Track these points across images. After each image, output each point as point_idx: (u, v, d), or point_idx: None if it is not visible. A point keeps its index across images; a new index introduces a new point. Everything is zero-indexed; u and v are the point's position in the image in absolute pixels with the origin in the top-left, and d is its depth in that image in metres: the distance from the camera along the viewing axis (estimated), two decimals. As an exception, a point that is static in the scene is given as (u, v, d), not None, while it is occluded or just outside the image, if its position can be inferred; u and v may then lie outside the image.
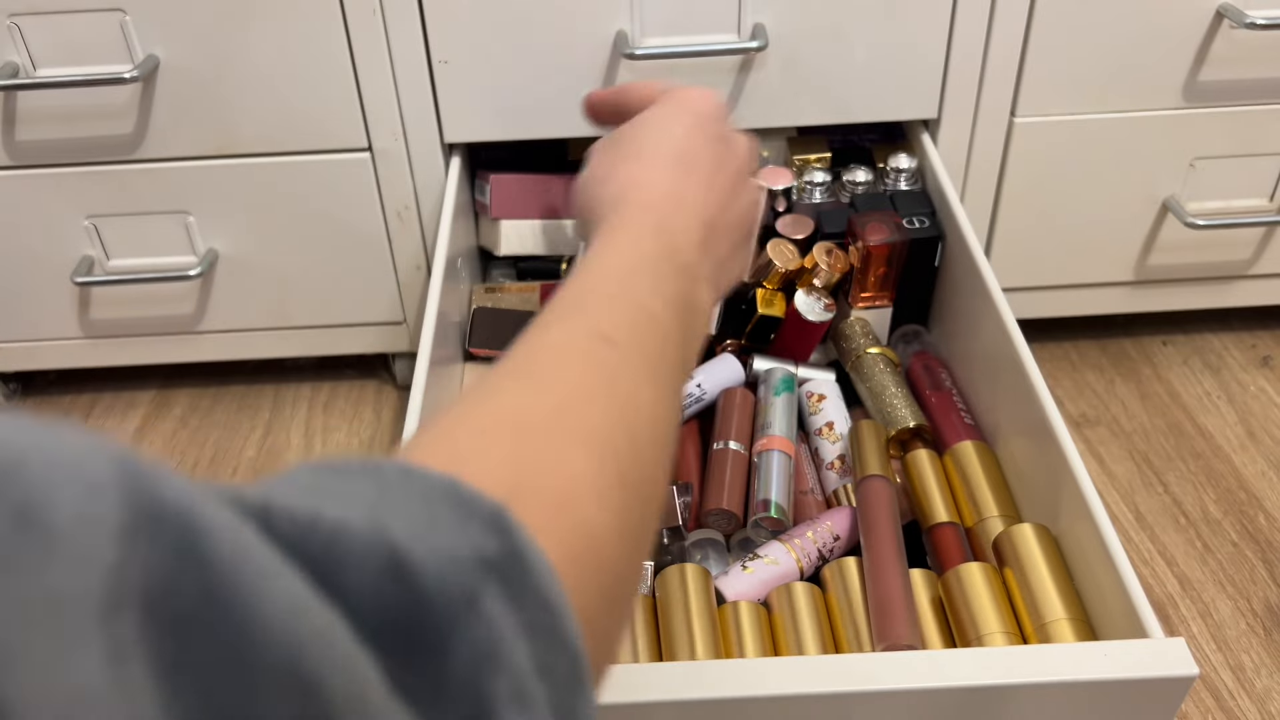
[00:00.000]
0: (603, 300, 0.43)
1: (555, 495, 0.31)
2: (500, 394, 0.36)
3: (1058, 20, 0.80)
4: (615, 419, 0.36)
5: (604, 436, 0.35)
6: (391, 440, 0.96)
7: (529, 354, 0.39)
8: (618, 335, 0.41)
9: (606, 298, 0.43)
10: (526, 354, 0.39)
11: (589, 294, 0.44)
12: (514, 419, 0.34)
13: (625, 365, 0.40)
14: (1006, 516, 0.62)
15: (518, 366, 0.38)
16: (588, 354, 0.39)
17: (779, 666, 0.46)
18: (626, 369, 0.40)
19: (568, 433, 0.34)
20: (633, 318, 0.42)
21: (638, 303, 0.43)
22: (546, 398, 0.36)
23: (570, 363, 0.38)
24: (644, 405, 0.39)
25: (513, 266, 0.92)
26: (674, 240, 0.49)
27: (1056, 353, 1.02)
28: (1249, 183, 0.90)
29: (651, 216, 0.50)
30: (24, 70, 0.79)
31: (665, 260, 0.47)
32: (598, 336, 0.40)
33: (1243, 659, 0.75)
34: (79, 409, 1.02)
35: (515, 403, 0.35)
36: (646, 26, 0.79)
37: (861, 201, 0.82)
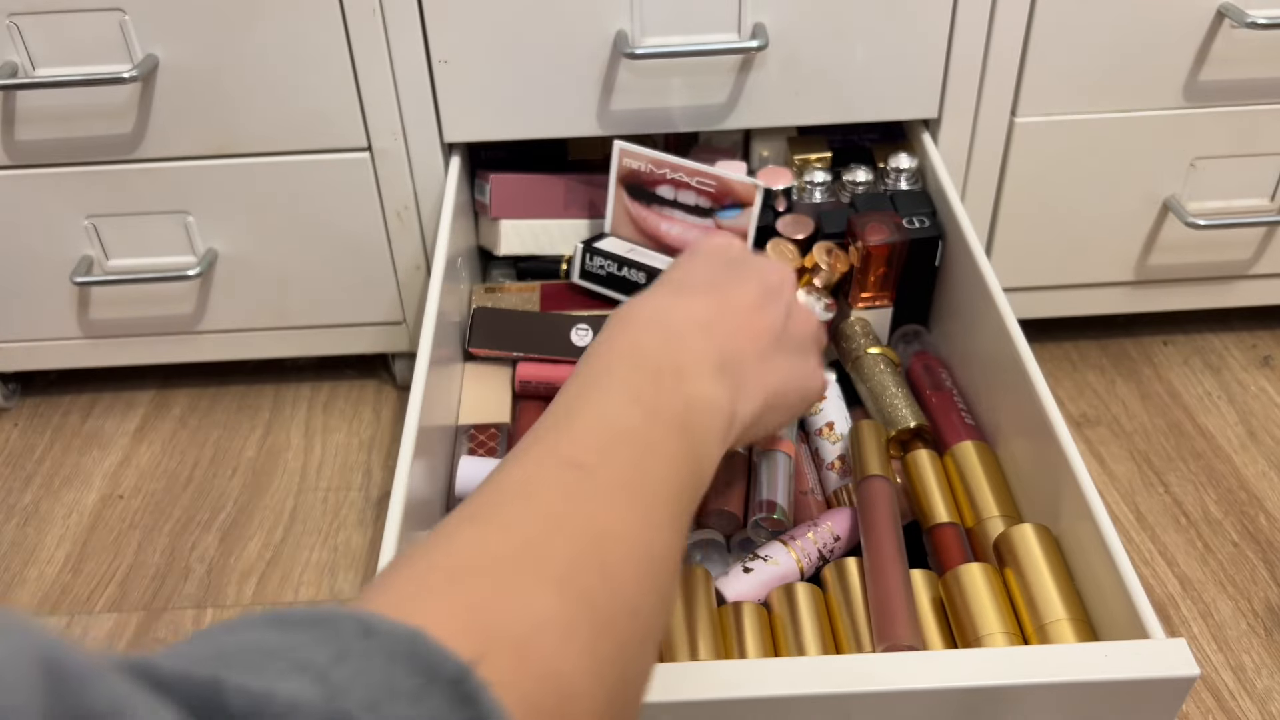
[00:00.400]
0: (573, 421, 0.41)
1: (520, 642, 0.30)
2: (464, 534, 0.35)
3: (1058, 20, 0.80)
4: (584, 552, 0.34)
5: (571, 573, 0.33)
6: (391, 440, 0.96)
7: (496, 488, 0.37)
8: (588, 458, 0.38)
9: (578, 418, 0.41)
10: (493, 488, 0.37)
11: (560, 416, 0.42)
12: (476, 561, 0.33)
13: (597, 490, 0.37)
14: (1007, 517, 0.62)
15: (484, 503, 0.36)
16: (555, 483, 0.37)
17: (779, 667, 0.46)
18: (599, 494, 0.37)
19: (532, 572, 0.32)
20: (606, 436, 0.40)
21: (612, 419, 0.41)
22: (510, 535, 0.34)
23: (536, 495, 0.37)
24: (621, 532, 0.36)
25: (512, 266, 0.92)
26: (649, 353, 0.45)
27: (1057, 353, 1.02)
28: (1249, 183, 0.90)
29: (632, 330, 0.47)
30: (23, 70, 0.79)
31: (645, 371, 0.44)
32: (566, 462, 0.38)
33: (1243, 659, 0.75)
34: (78, 409, 1.02)
35: (478, 543, 0.34)
36: (646, 26, 0.79)
37: (862, 201, 0.82)
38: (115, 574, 0.85)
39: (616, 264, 0.80)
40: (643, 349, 0.45)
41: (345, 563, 0.85)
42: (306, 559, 0.85)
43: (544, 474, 0.38)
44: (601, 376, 0.44)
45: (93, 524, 0.90)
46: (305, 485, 0.92)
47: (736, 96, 0.83)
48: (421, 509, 0.62)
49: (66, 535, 0.89)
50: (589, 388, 0.43)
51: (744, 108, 0.83)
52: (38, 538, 0.88)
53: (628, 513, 0.37)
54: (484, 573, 0.32)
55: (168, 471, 0.94)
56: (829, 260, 0.77)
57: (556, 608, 0.32)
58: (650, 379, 0.44)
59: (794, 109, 0.84)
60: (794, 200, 0.84)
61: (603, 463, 0.38)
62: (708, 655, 0.55)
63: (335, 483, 0.93)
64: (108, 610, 0.82)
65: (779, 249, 0.78)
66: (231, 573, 0.84)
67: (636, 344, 0.46)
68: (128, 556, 0.86)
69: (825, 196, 0.84)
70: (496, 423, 0.75)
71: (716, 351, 0.47)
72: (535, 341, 0.78)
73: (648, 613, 0.36)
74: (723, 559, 0.65)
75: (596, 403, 0.42)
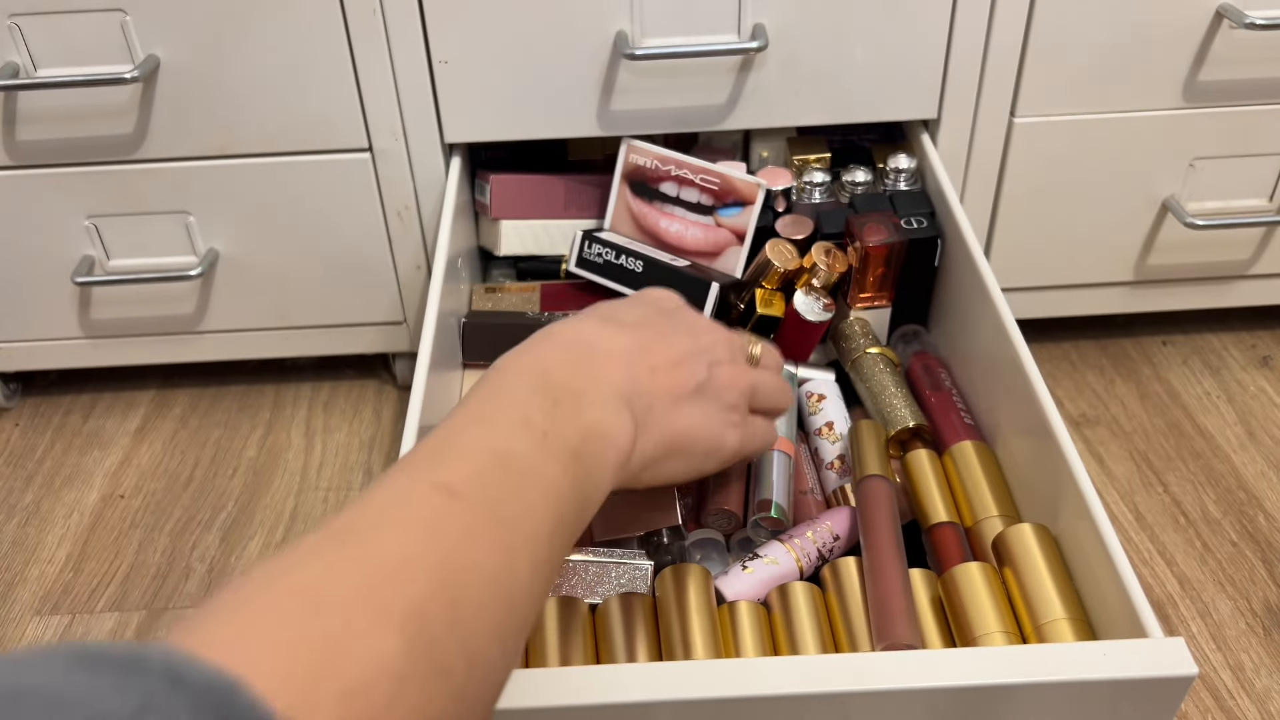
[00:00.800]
0: (456, 441, 0.40)
1: (348, 694, 0.29)
2: (313, 563, 0.33)
3: (1058, 20, 0.80)
4: (435, 590, 0.33)
5: (418, 613, 0.32)
6: (392, 440, 0.96)
7: (359, 509, 0.36)
8: (461, 484, 0.37)
9: (462, 438, 0.40)
10: (357, 509, 0.36)
11: (445, 436, 0.40)
12: (316, 594, 0.31)
13: (463, 521, 0.36)
14: (1006, 516, 0.62)
15: (342, 526, 0.35)
16: (419, 509, 0.36)
17: (779, 666, 0.46)
18: (464, 525, 0.36)
19: (375, 612, 0.31)
20: (485, 461, 0.39)
21: (496, 442, 0.40)
22: (360, 567, 0.33)
23: (396, 521, 0.35)
24: (479, 569, 0.35)
25: (513, 266, 0.92)
26: (556, 373, 0.44)
27: (1056, 353, 1.03)
28: (1249, 183, 0.90)
29: (545, 348, 0.46)
30: (24, 70, 0.79)
31: (546, 393, 0.43)
32: (436, 487, 0.37)
33: (1242, 659, 0.75)
34: (79, 409, 1.02)
35: (322, 573, 0.32)
36: (646, 26, 0.79)
37: (861, 202, 0.82)
38: (116, 573, 0.85)
39: (615, 252, 0.80)
40: (550, 369, 0.45)
41: (346, 562, 0.85)
42: (307, 558, 0.86)
43: (411, 498, 0.37)
44: (498, 394, 0.43)
45: (94, 523, 0.90)
46: (306, 485, 0.93)
47: (736, 97, 0.83)
48: (422, 509, 0.62)
49: (67, 535, 0.89)
50: (483, 404, 0.43)
51: (744, 108, 0.83)
52: (39, 537, 0.89)
53: (491, 547, 0.36)
54: (324, 610, 0.31)
55: (168, 471, 0.95)
56: (827, 260, 0.77)
57: (395, 652, 0.31)
58: (549, 401, 0.43)
59: (793, 109, 0.84)
60: (793, 200, 0.84)
61: (475, 490, 0.37)
62: (707, 654, 0.55)
63: (336, 482, 0.93)
64: (109, 610, 0.82)
65: (778, 249, 0.78)
66: (232, 572, 0.85)
67: (545, 364, 0.45)
68: (129, 556, 0.87)
69: (824, 197, 0.84)
70: (497, 423, 0.75)
71: (626, 383, 0.46)
72: None
73: (492, 659, 0.35)
74: (722, 558, 0.66)
75: (485, 423, 0.41)
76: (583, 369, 0.46)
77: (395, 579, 0.33)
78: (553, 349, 0.47)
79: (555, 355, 0.46)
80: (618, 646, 0.56)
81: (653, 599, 0.60)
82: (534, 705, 0.44)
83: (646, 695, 0.45)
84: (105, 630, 0.80)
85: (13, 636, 0.80)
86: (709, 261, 0.83)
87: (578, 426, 0.43)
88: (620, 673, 0.46)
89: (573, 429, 0.43)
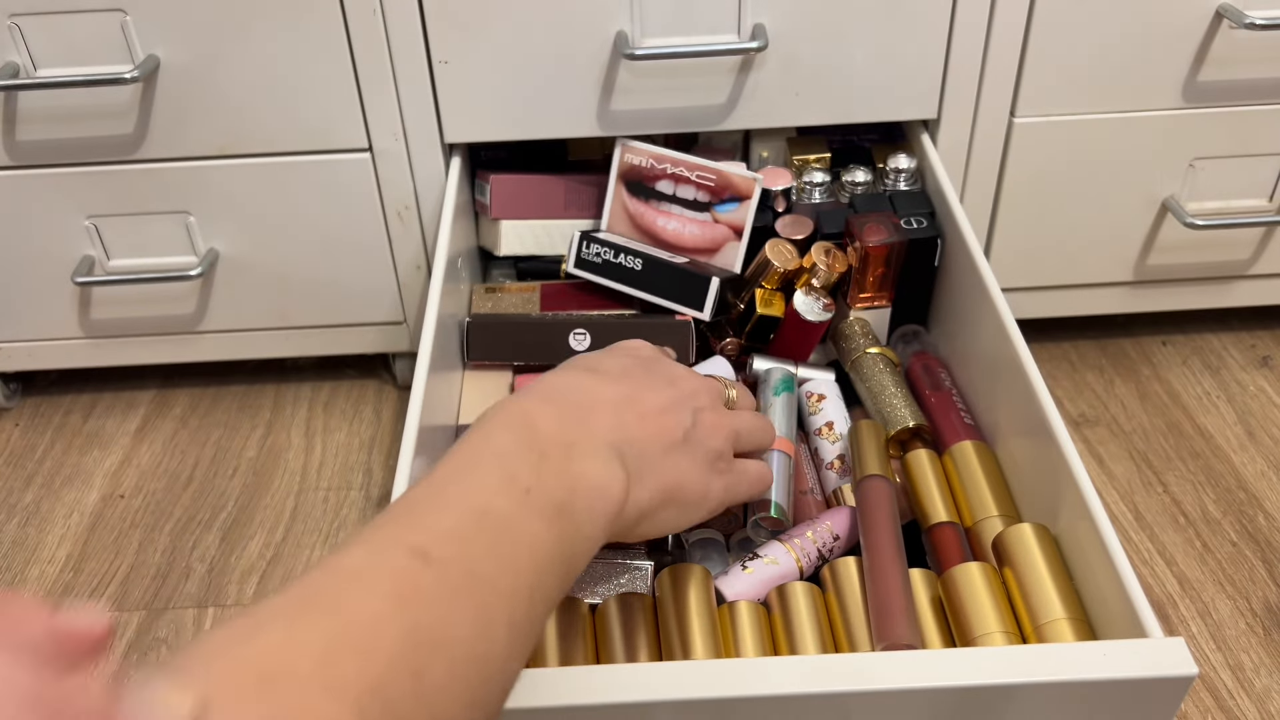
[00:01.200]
0: (435, 499, 0.39)
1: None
2: (268, 630, 0.32)
3: (1057, 20, 0.80)
4: (400, 661, 0.32)
5: (379, 687, 0.31)
6: (392, 440, 0.96)
7: (328, 572, 0.35)
8: (435, 547, 0.36)
9: (441, 496, 0.39)
10: (325, 572, 0.35)
11: (424, 494, 0.39)
12: (272, 666, 0.30)
13: (436, 587, 0.35)
14: (1006, 516, 0.62)
15: (309, 589, 0.34)
16: (390, 574, 0.35)
17: (779, 666, 0.46)
18: (436, 592, 0.35)
19: (334, 688, 0.30)
20: (464, 521, 0.38)
21: (477, 501, 0.39)
22: (319, 635, 0.32)
23: (364, 587, 0.34)
24: (450, 638, 0.34)
25: (513, 266, 0.92)
26: (543, 426, 0.43)
27: (1056, 353, 1.03)
28: (1248, 183, 0.90)
29: (530, 401, 0.44)
30: (25, 70, 0.79)
31: (532, 447, 0.42)
32: (410, 550, 0.36)
33: (1242, 658, 0.75)
34: (79, 409, 1.02)
35: (280, 643, 0.31)
36: (646, 27, 0.79)
37: (861, 202, 0.82)
38: (116, 573, 0.85)
39: (613, 251, 0.80)
40: (536, 422, 0.44)
41: (346, 562, 0.85)
42: (307, 558, 0.86)
43: (382, 562, 0.35)
44: (481, 450, 0.42)
45: (94, 523, 0.90)
46: (306, 485, 0.93)
47: (736, 97, 0.83)
48: (422, 509, 0.62)
49: (68, 535, 0.89)
50: (464, 460, 0.41)
51: (744, 108, 0.83)
52: (39, 537, 0.89)
53: (465, 609, 0.35)
54: (279, 684, 0.30)
55: (169, 471, 0.95)
56: (827, 260, 0.77)
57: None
58: (535, 455, 0.42)
59: (793, 110, 0.84)
60: (793, 201, 0.84)
61: (451, 553, 0.36)
62: (707, 654, 0.55)
63: (336, 482, 0.93)
64: (109, 609, 0.82)
65: (777, 249, 0.78)
66: (232, 572, 0.85)
67: (531, 417, 0.44)
68: (129, 556, 0.87)
69: (824, 197, 0.84)
70: (497, 422, 0.75)
71: (617, 433, 0.45)
72: (533, 349, 0.78)
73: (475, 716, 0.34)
74: (722, 558, 0.66)
75: (466, 481, 0.40)
76: (571, 420, 0.44)
77: (357, 650, 0.32)
78: (538, 401, 0.45)
79: (541, 408, 0.45)
80: (617, 646, 0.56)
81: (653, 599, 0.60)
82: (534, 705, 0.44)
83: (646, 695, 0.45)
84: (105, 630, 0.80)
85: (13, 636, 0.80)
86: (707, 258, 0.83)
87: (566, 480, 0.42)
88: (620, 673, 0.46)
89: (560, 483, 0.41)
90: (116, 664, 0.78)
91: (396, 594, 0.34)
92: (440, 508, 0.38)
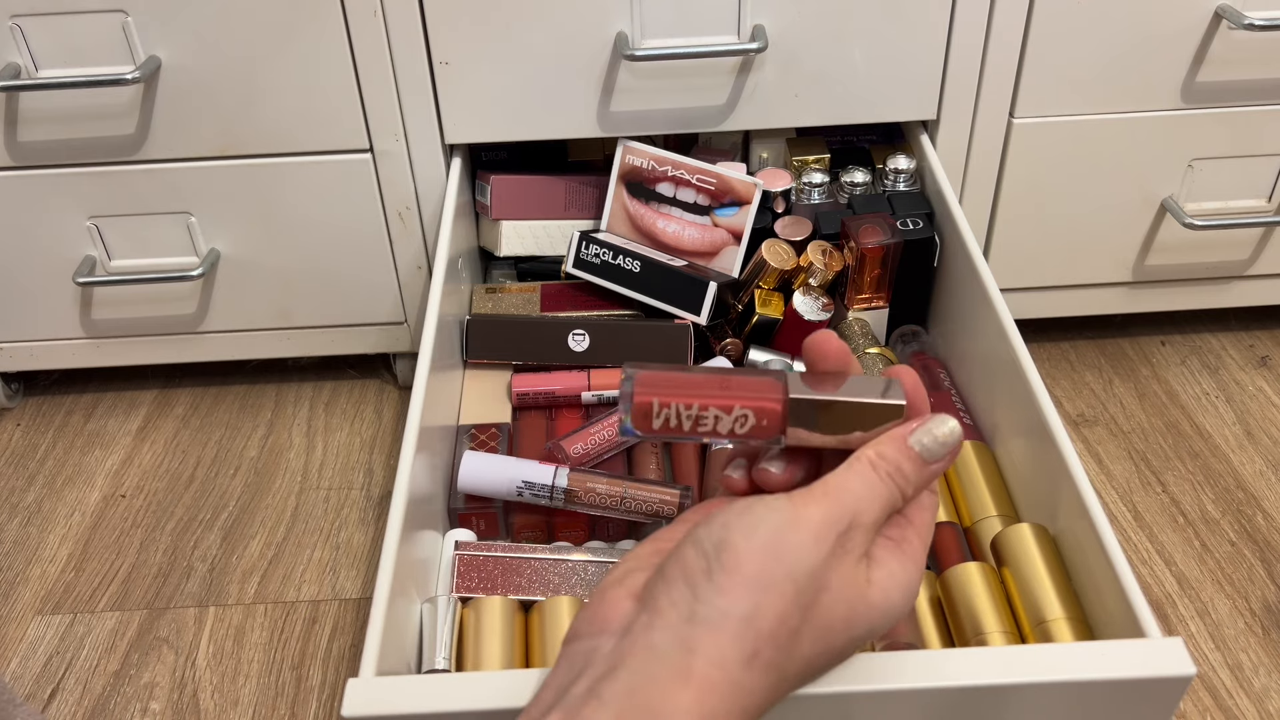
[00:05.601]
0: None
1: None
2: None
3: (1057, 21, 0.81)
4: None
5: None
6: (393, 440, 0.97)
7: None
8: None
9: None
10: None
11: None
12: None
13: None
14: (1005, 516, 0.63)
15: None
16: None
17: (778, 666, 0.46)
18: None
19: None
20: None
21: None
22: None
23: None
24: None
25: (513, 266, 0.92)
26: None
27: (1055, 353, 1.03)
28: (1247, 183, 0.91)
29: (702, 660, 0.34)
30: (26, 71, 0.80)
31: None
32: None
33: (1241, 658, 0.75)
34: (81, 408, 1.02)
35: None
36: (646, 27, 0.79)
37: (859, 203, 0.82)
38: (118, 573, 0.85)
39: (612, 252, 0.80)
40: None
41: (347, 561, 0.85)
42: (308, 558, 0.86)
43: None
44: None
45: (95, 523, 0.90)
46: (307, 484, 0.93)
47: (736, 98, 0.83)
48: (423, 508, 0.63)
49: (69, 534, 0.89)
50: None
51: (743, 109, 0.83)
52: (40, 537, 0.89)
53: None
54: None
55: (170, 471, 0.95)
56: (824, 260, 0.77)
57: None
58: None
59: (793, 111, 0.84)
60: (792, 202, 0.85)
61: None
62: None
63: (337, 482, 0.93)
64: (110, 609, 0.82)
65: (774, 250, 0.78)
66: (234, 572, 0.85)
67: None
68: (130, 555, 0.87)
69: (823, 198, 0.84)
70: (497, 423, 0.75)
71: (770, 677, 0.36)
72: (532, 349, 0.78)
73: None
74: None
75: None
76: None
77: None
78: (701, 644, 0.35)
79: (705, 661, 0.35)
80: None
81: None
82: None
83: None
84: (106, 630, 0.80)
85: (14, 636, 0.81)
86: (706, 261, 0.84)
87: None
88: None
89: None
90: (117, 664, 0.78)
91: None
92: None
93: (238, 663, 0.78)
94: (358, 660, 0.74)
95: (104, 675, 0.77)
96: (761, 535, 0.36)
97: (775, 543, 0.36)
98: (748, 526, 0.36)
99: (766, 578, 0.35)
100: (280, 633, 0.80)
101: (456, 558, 0.63)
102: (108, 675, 0.77)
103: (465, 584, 0.62)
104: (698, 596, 0.35)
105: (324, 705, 0.75)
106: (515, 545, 0.65)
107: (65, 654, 0.79)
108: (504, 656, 0.57)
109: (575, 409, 0.78)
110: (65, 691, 0.76)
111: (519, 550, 0.64)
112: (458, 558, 0.63)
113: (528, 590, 0.63)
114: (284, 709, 0.75)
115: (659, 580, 0.37)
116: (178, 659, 0.78)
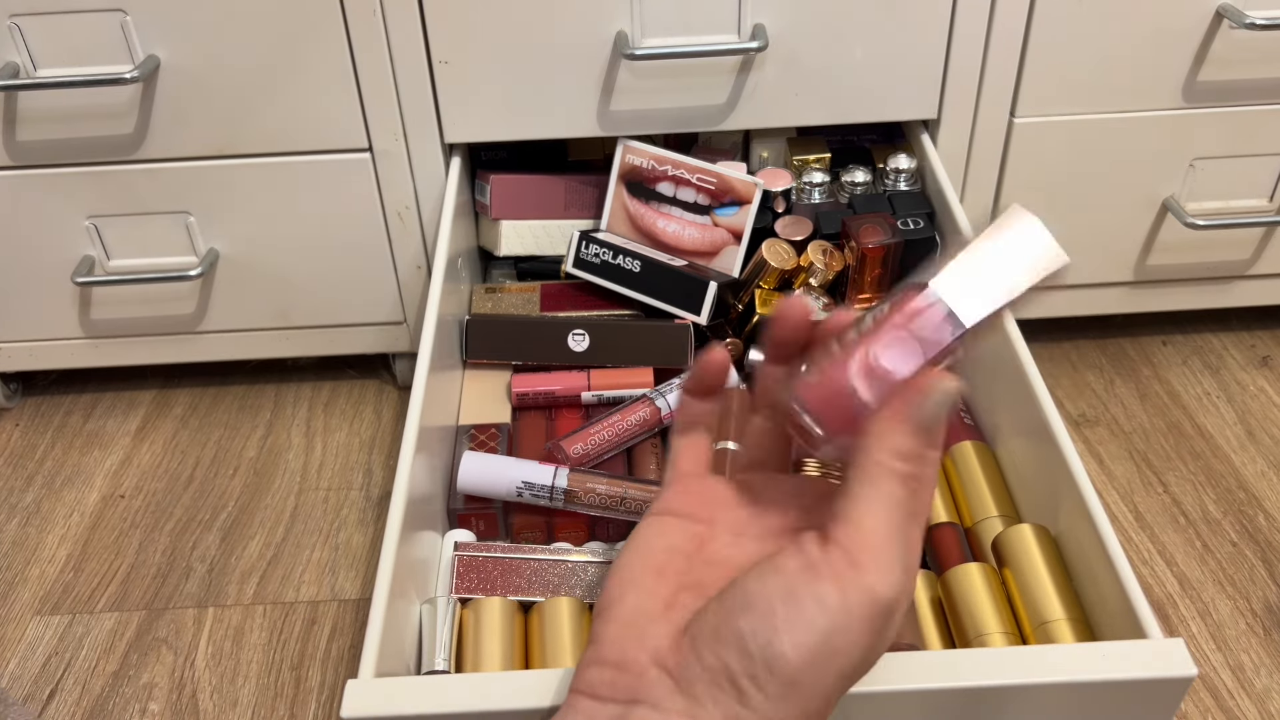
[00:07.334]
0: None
1: None
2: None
3: (1057, 20, 0.80)
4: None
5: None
6: (392, 440, 0.96)
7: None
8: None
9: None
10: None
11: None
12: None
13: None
14: (1005, 517, 0.62)
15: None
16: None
17: (778, 667, 0.46)
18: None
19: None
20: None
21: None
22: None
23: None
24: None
25: (513, 266, 0.92)
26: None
27: (1056, 353, 1.03)
28: (1248, 183, 0.90)
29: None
30: (25, 70, 0.79)
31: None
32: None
33: (1242, 659, 0.75)
34: (80, 409, 1.02)
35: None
36: (646, 27, 0.79)
37: (860, 202, 0.82)
38: (117, 573, 0.85)
39: (612, 252, 0.80)
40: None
41: (346, 562, 0.85)
42: (308, 558, 0.86)
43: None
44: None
45: (94, 523, 0.90)
46: (306, 485, 0.93)
47: (736, 97, 0.83)
48: (422, 508, 0.62)
49: (68, 535, 0.89)
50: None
51: (744, 109, 0.83)
52: (39, 537, 0.89)
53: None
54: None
55: (169, 471, 0.95)
56: (825, 260, 0.77)
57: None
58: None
59: (793, 110, 0.84)
60: (792, 201, 0.84)
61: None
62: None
63: (336, 482, 0.93)
64: (109, 610, 0.82)
65: (774, 249, 0.78)
66: (233, 572, 0.85)
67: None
68: (129, 556, 0.87)
69: (824, 197, 0.84)
70: (497, 423, 0.75)
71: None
72: (532, 349, 0.78)
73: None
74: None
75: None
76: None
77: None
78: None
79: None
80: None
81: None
82: (535, 705, 0.44)
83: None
84: (105, 630, 0.80)
85: (13, 636, 0.80)
86: (706, 261, 0.84)
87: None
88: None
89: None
90: (116, 665, 0.78)
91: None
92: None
93: (237, 663, 0.78)
94: (357, 661, 0.74)
95: (103, 676, 0.77)
96: (812, 644, 0.34)
97: (827, 651, 0.34)
98: (799, 633, 0.34)
99: (818, 687, 0.34)
100: (279, 633, 0.80)
101: (456, 558, 0.63)
102: (106, 676, 0.77)
103: (465, 585, 0.62)
104: (744, 703, 0.34)
105: (323, 706, 0.75)
106: (515, 546, 0.65)
107: (64, 654, 0.79)
108: (503, 657, 0.57)
109: (575, 409, 0.78)
110: (64, 692, 0.76)
111: (518, 551, 0.64)
112: (457, 558, 0.63)
113: (527, 591, 0.62)
114: (283, 710, 0.74)
115: (694, 660, 0.35)
116: (177, 660, 0.78)
